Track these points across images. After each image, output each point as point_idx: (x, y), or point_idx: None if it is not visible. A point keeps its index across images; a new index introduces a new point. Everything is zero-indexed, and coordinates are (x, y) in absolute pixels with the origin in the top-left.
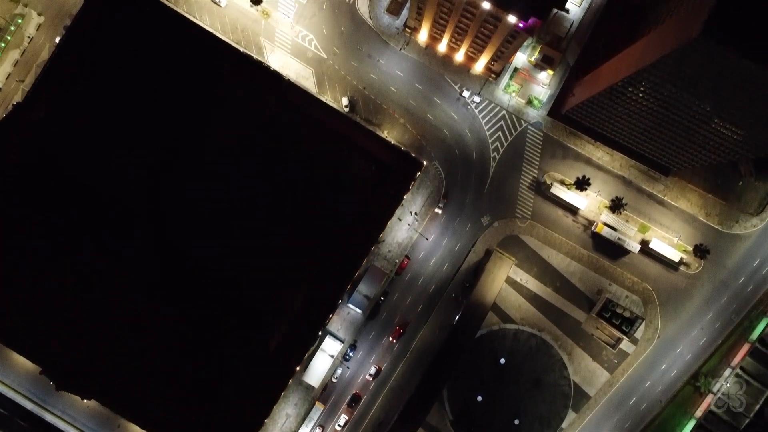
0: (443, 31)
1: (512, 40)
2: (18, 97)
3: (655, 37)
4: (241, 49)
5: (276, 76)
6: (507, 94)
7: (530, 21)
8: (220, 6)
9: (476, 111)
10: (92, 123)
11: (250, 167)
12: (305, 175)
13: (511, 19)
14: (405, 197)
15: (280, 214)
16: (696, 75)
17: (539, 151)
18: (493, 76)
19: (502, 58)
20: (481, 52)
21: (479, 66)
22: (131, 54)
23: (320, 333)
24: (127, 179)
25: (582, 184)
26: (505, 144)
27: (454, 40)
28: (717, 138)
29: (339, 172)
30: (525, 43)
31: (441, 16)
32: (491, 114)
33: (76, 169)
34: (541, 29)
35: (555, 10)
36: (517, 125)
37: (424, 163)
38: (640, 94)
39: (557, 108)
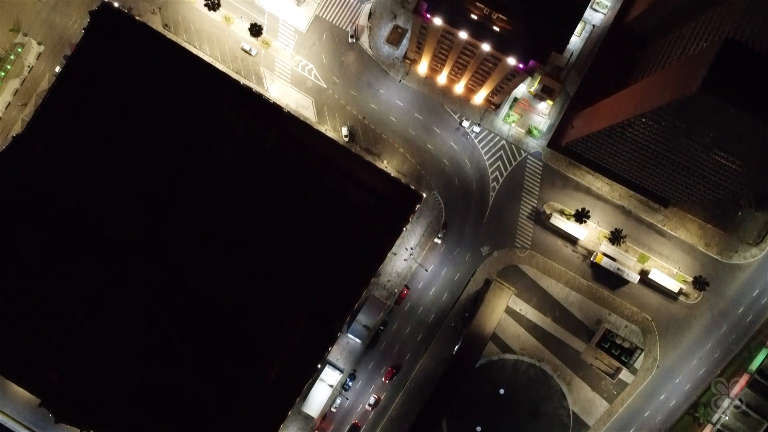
0: (443, 65)
1: (512, 78)
2: (18, 127)
3: (654, 83)
4: (242, 81)
5: (276, 108)
6: (507, 123)
7: (530, 62)
8: (250, 55)
9: (476, 140)
10: (91, 155)
11: (249, 199)
12: (305, 207)
13: (511, 60)
14: (404, 229)
15: (279, 245)
16: (695, 124)
17: (539, 180)
18: (493, 107)
19: (502, 92)
20: (481, 85)
21: (479, 98)
22: (131, 86)
23: (319, 363)
24: (127, 211)
25: (581, 217)
26: (505, 174)
27: (453, 73)
28: (716, 177)
29: (338, 205)
30: None
31: (441, 51)
32: (491, 143)
33: (75, 201)
34: None
35: None
36: (517, 155)
37: (424, 195)
38: (639, 136)
39: (557, 139)
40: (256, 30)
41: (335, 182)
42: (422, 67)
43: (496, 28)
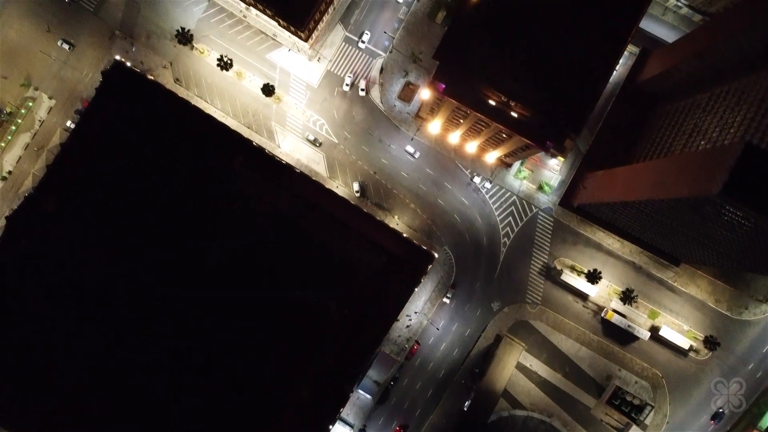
0: (456, 128)
1: (526, 149)
2: (29, 182)
3: (671, 169)
4: (254, 141)
5: (288, 168)
6: (518, 179)
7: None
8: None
9: (487, 196)
10: (102, 214)
11: (260, 259)
12: (316, 267)
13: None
14: (416, 290)
15: (290, 305)
16: (714, 216)
17: (549, 236)
18: (505, 165)
19: (514, 156)
20: (494, 149)
21: (491, 157)
22: (142, 146)
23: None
24: (137, 273)
25: (594, 278)
26: (516, 229)
27: (467, 136)
28: (732, 253)
29: (350, 264)
30: None
31: (455, 119)
32: (502, 199)
33: (85, 261)
34: None
35: None
36: (528, 210)
37: (436, 256)
38: (654, 213)
39: (568, 198)
40: (268, 90)
41: (347, 242)
42: (434, 127)
43: (514, 114)
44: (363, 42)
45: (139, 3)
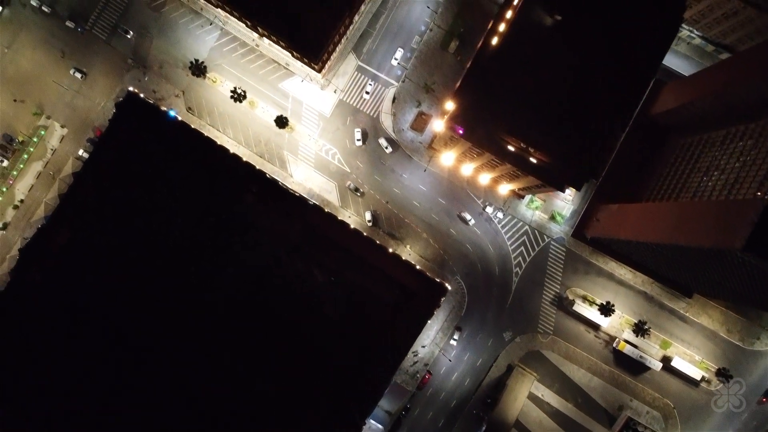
0: (470, 161)
1: (541, 187)
2: (41, 211)
3: (689, 215)
4: (267, 174)
5: (301, 201)
6: (530, 209)
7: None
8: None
9: (499, 226)
10: (115, 246)
11: (273, 291)
12: (328, 299)
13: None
14: (428, 322)
15: (302, 338)
16: (730, 266)
17: (561, 266)
18: (517, 196)
19: (528, 191)
20: (508, 182)
21: (504, 189)
22: (155, 177)
23: None
24: (149, 304)
25: (607, 311)
26: (528, 259)
27: (480, 169)
28: (747, 294)
29: (363, 297)
30: None
31: (469, 155)
32: (514, 229)
33: (98, 293)
34: None
35: None
36: (540, 240)
37: (449, 288)
38: (671, 254)
39: (581, 229)
40: (282, 122)
41: (360, 274)
42: (447, 158)
43: (533, 160)
44: (368, 93)
45: (152, 32)
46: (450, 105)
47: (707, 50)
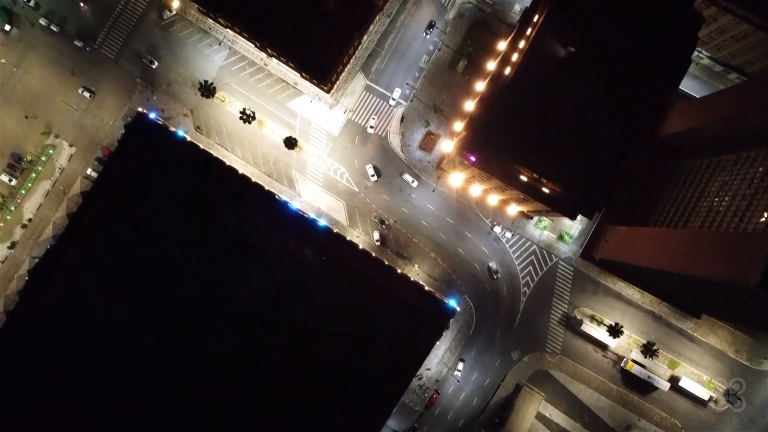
0: (479, 183)
1: (551, 212)
2: (49, 230)
3: (703, 245)
4: (276, 195)
5: (310, 222)
6: (538, 229)
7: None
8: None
9: (507, 246)
10: (124, 268)
11: (282, 313)
12: (337, 320)
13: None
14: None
15: (310, 359)
16: (743, 297)
17: (569, 285)
18: (526, 216)
19: (538, 213)
20: (517, 204)
21: (513, 210)
22: (164, 198)
23: None
24: (159, 326)
25: (616, 332)
26: (536, 279)
27: (489, 191)
28: (758, 320)
29: (371, 318)
30: None
31: (479, 178)
32: (522, 248)
33: (106, 316)
34: None
35: None
36: (548, 260)
37: (458, 309)
38: (682, 280)
39: (590, 250)
40: (291, 143)
41: (368, 295)
42: (456, 179)
43: (545, 189)
44: (372, 127)
45: (160, 51)
46: (459, 126)
47: (715, 70)
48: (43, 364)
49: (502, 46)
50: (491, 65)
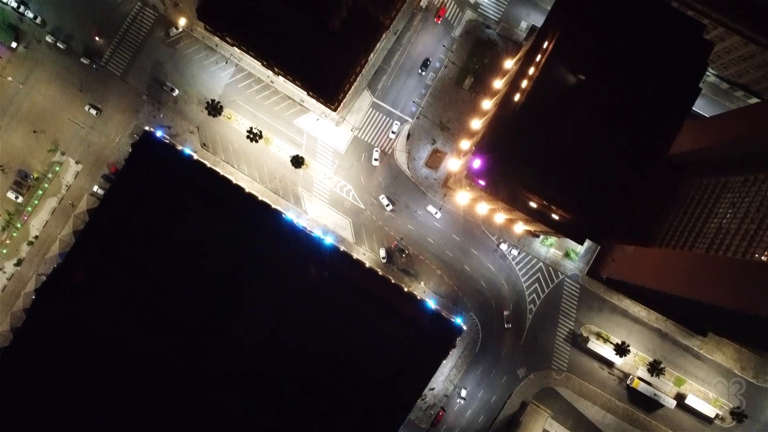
0: (486, 203)
1: (558, 234)
2: (55, 247)
3: (712, 272)
4: (283, 214)
5: (316, 239)
6: (544, 246)
7: None
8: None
9: (513, 263)
10: (132, 286)
11: (288, 331)
12: (342, 339)
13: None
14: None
15: (316, 378)
16: (752, 324)
17: (576, 303)
18: (532, 234)
19: (545, 233)
20: (524, 223)
21: (519, 229)
22: (172, 216)
23: None
24: (166, 345)
25: (622, 351)
26: (542, 296)
27: (495, 210)
28: (765, 343)
29: (377, 336)
30: None
31: (486, 198)
32: (528, 266)
33: (114, 332)
34: None
35: None
36: (555, 277)
37: (464, 328)
38: (688, 302)
39: (596, 268)
40: (297, 161)
41: (375, 314)
42: (462, 197)
43: (555, 216)
44: (376, 160)
45: (166, 68)
46: (465, 144)
47: (722, 87)
48: (50, 382)
49: (508, 64)
50: (498, 83)
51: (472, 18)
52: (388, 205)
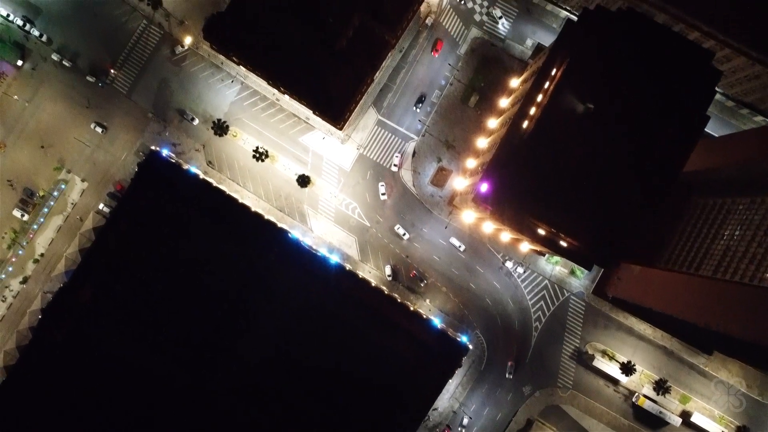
0: (492, 222)
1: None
2: (61, 265)
3: (720, 298)
4: (289, 233)
5: (322, 259)
6: (550, 263)
7: None
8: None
9: (519, 280)
10: (137, 306)
11: (294, 350)
12: (349, 358)
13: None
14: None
15: (321, 398)
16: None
17: (581, 320)
18: (538, 252)
19: (552, 253)
20: (530, 243)
21: (525, 247)
22: (177, 236)
23: None
24: (172, 363)
25: (628, 370)
26: (548, 313)
27: (502, 229)
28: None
29: (384, 355)
30: None
31: (493, 220)
32: (534, 283)
33: (120, 351)
34: None
35: None
36: (560, 295)
37: (470, 347)
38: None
39: (602, 287)
40: (303, 180)
41: (381, 333)
42: (468, 216)
43: (564, 243)
44: (383, 194)
45: (172, 86)
46: (471, 162)
47: (727, 105)
48: (57, 400)
49: (514, 82)
50: (504, 102)
51: (477, 35)
52: (404, 234)
